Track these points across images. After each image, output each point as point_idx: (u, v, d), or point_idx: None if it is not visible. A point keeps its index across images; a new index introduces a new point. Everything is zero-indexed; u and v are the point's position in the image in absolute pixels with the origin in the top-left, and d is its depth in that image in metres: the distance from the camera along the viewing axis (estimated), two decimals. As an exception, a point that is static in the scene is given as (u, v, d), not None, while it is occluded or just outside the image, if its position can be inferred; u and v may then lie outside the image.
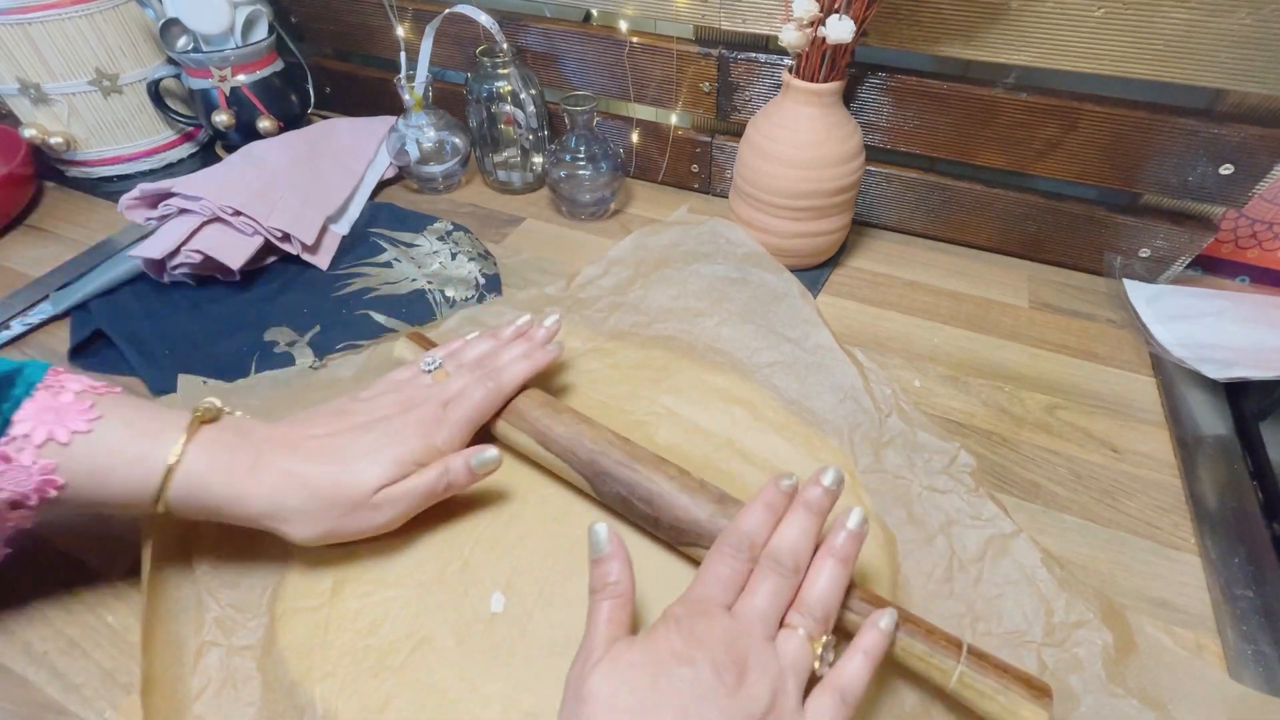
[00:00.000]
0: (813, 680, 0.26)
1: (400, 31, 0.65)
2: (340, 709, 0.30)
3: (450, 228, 0.58)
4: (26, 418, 0.29)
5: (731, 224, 0.55)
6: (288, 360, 0.47)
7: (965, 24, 0.48)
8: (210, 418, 0.33)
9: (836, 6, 0.43)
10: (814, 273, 0.56)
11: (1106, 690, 0.30)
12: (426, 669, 0.31)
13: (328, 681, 0.31)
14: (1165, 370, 0.47)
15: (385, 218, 0.60)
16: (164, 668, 0.30)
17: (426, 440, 0.35)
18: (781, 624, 0.28)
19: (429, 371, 0.39)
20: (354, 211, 0.62)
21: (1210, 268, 0.57)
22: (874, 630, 0.28)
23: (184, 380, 0.43)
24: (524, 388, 0.40)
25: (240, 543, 0.35)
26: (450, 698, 0.30)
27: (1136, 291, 0.52)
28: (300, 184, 0.59)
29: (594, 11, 0.64)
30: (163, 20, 0.64)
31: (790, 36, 0.45)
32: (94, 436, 0.30)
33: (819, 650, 0.27)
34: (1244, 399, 0.45)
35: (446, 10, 0.60)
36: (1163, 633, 0.32)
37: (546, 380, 0.45)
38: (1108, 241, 0.55)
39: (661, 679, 0.25)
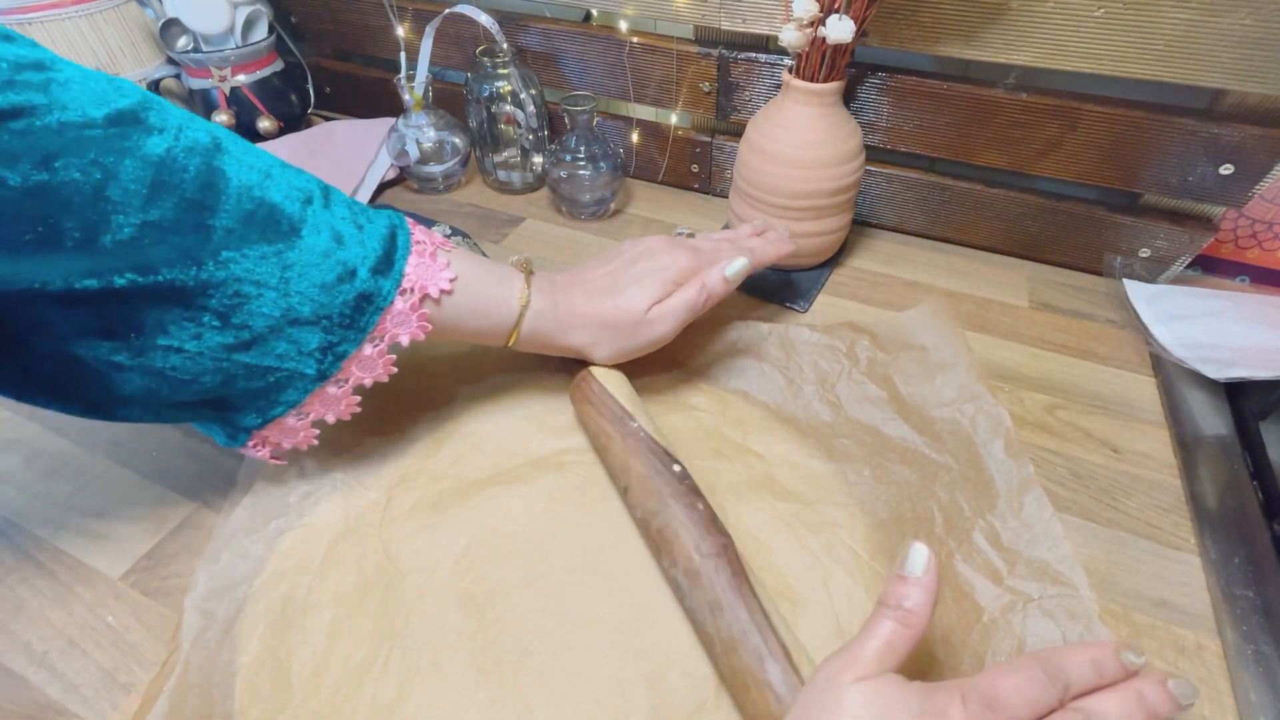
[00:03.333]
0: None
1: (400, 31, 0.65)
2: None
3: (449, 231, 0.58)
4: (411, 271, 0.35)
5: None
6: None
7: (965, 24, 0.48)
8: (532, 269, 0.40)
9: (836, 6, 0.43)
10: (814, 273, 0.56)
11: None
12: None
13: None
14: (1165, 370, 0.47)
15: (385, 218, 0.60)
16: None
17: (685, 262, 0.41)
18: None
19: (682, 235, 0.46)
20: (354, 211, 0.62)
21: (1210, 268, 0.57)
22: None
23: None
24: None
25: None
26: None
27: (1136, 291, 0.52)
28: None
29: (594, 11, 0.64)
30: (163, 20, 0.64)
31: (790, 36, 0.45)
32: (455, 295, 0.36)
33: None
34: (1244, 399, 0.45)
35: (446, 10, 0.60)
36: None
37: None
38: (1108, 241, 0.55)
39: None
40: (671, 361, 0.47)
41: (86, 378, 0.30)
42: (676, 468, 0.35)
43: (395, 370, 0.36)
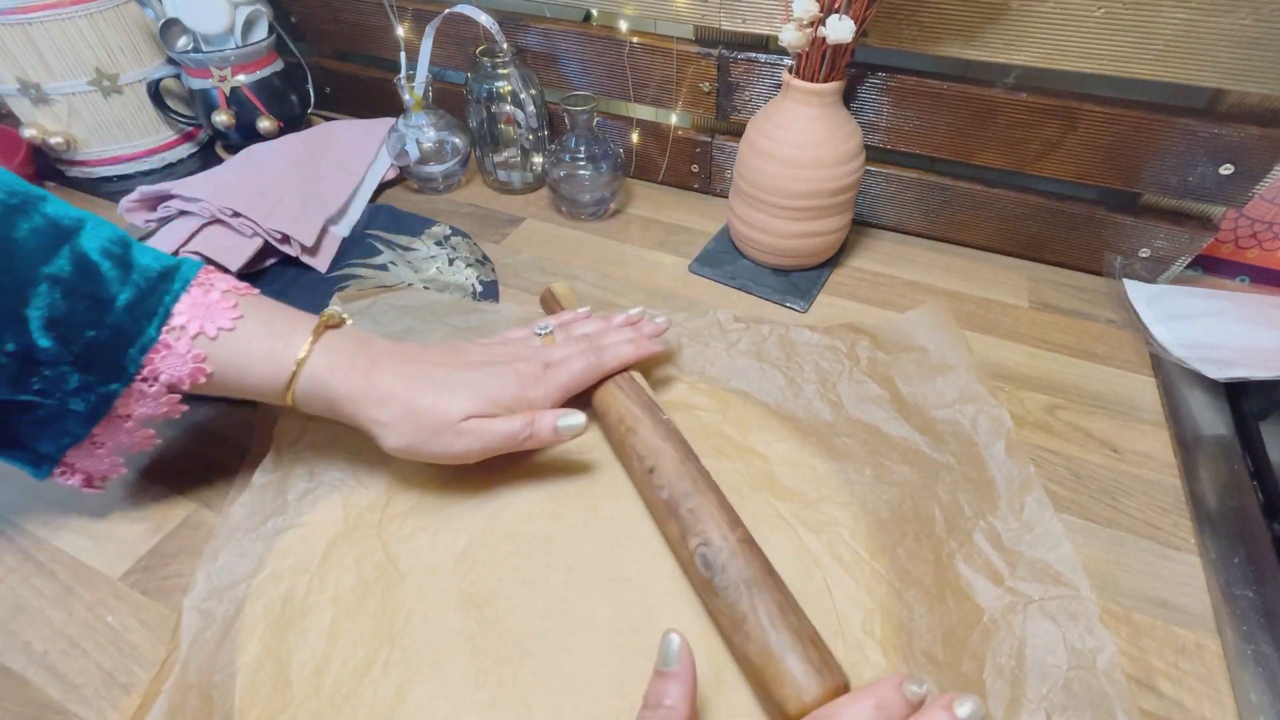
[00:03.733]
0: None
1: (400, 31, 0.65)
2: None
3: (449, 232, 0.58)
4: (184, 310, 0.33)
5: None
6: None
7: (965, 24, 0.48)
8: (335, 324, 0.37)
9: (836, 6, 0.43)
10: (814, 273, 0.56)
11: None
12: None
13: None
14: (1165, 370, 0.47)
15: (383, 220, 0.60)
16: None
17: (521, 390, 0.38)
18: None
19: (540, 335, 0.43)
20: (354, 213, 0.62)
21: (1210, 268, 0.57)
22: None
23: None
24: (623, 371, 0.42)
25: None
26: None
27: (1136, 291, 0.52)
28: (300, 185, 0.59)
29: (594, 11, 0.64)
30: (163, 20, 0.64)
31: (790, 36, 0.45)
32: (237, 333, 0.34)
33: None
34: (1244, 399, 0.45)
35: (446, 10, 0.60)
36: None
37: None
38: (1108, 241, 0.55)
39: None
40: (671, 362, 0.47)
41: None
42: (702, 464, 0.37)
43: (182, 410, 0.35)
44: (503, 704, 0.30)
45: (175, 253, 0.51)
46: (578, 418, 0.38)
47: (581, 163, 0.59)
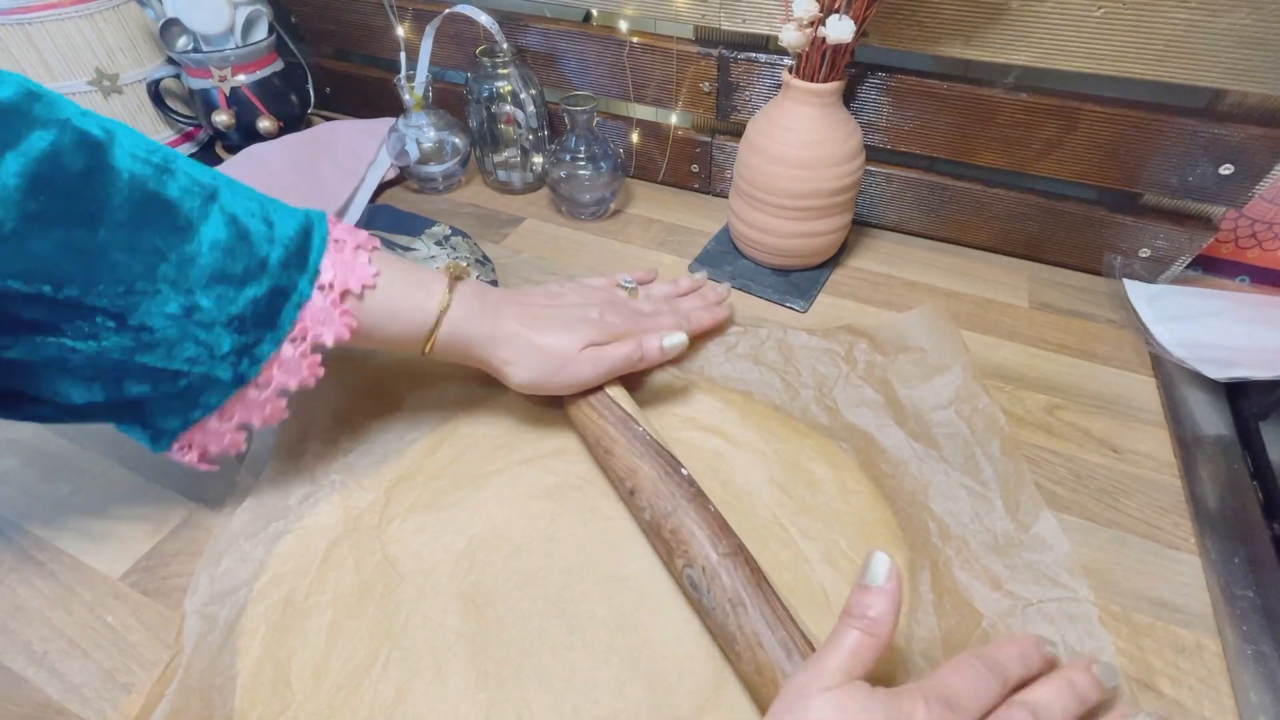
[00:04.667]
0: None
1: (400, 31, 0.65)
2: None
3: (449, 232, 0.58)
4: (328, 266, 0.34)
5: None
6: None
7: (965, 24, 0.48)
8: (460, 275, 0.39)
9: (836, 6, 0.43)
10: (814, 273, 0.56)
11: None
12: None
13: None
14: (1165, 370, 0.47)
15: (383, 220, 0.60)
16: None
17: (625, 323, 0.42)
18: None
19: (625, 288, 0.47)
20: (355, 213, 0.62)
21: (1210, 268, 0.57)
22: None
23: None
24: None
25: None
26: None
27: (1136, 291, 0.52)
28: (300, 186, 0.59)
29: (594, 11, 0.64)
30: (163, 20, 0.64)
31: (790, 36, 0.45)
32: (378, 290, 0.35)
33: None
34: (1244, 399, 0.45)
35: (446, 10, 0.60)
36: None
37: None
38: (1108, 241, 0.55)
39: None
40: (669, 362, 0.47)
41: None
42: (684, 471, 0.36)
43: (322, 373, 0.34)
44: (502, 704, 0.30)
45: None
46: (680, 336, 0.42)
47: (581, 163, 0.59)
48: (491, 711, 0.30)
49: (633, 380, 0.44)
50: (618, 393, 0.41)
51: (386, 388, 0.45)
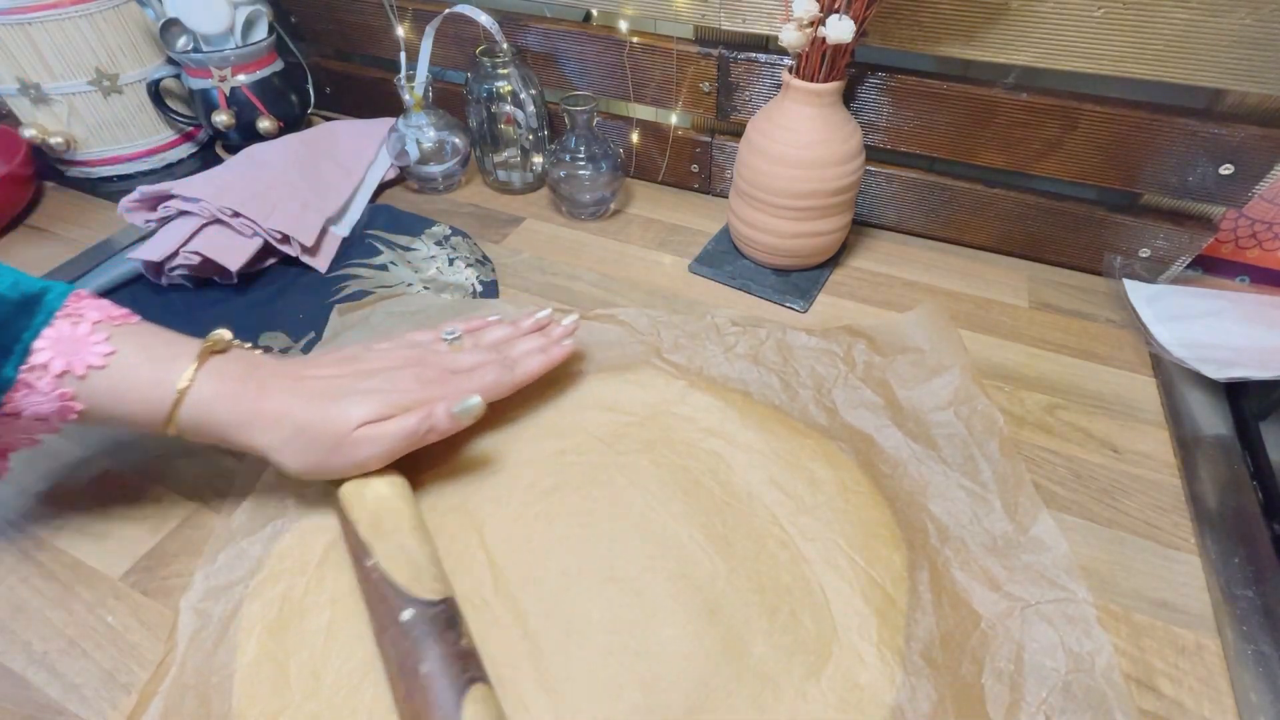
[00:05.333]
0: None
1: (400, 31, 0.65)
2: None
3: (449, 232, 0.58)
4: (45, 347, 0.30)
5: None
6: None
7: (965, 24, 0.48)
8: (220, 348, 0.34)
9: (836, 6, 0.43)
10: (814, 273, 0.56)
11: None
12: None
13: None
14: (1165, 370, 0.47)
15: (383, 220, 0.60)
16: None
17: (423, 391, 0.36)
18: None
19: (448, 340, 0.41)
20: (355, 213, 0.62)
21: (1210, 268, 0.57)
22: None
23: None
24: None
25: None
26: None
27: (1136, 291, 0.52)
28: (300, 185, 0.59)
29: (594, 11, 0.64)
30: (163, 20, 0.64)
31: (790, 36, 0.45)
32: (109, 370, 0.31)
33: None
34: (1244, 399, 0.45)
35: (446, 10, 0.60)
36: None
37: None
38: (1108, 241, 0.55)
39: None
40: (669, 363, 0.47)
41: None
42: (407, 614, 0.30)
43: (58, 430, 0.33)
44: (501, 704, 0.30)
45: (175, 252, 0.51)
46: (474, 399, 0.36)
47: (581, 163, 0.59)
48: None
49: (626, 377, 0.44)
50: (363, 504, 0.35)
51: None
